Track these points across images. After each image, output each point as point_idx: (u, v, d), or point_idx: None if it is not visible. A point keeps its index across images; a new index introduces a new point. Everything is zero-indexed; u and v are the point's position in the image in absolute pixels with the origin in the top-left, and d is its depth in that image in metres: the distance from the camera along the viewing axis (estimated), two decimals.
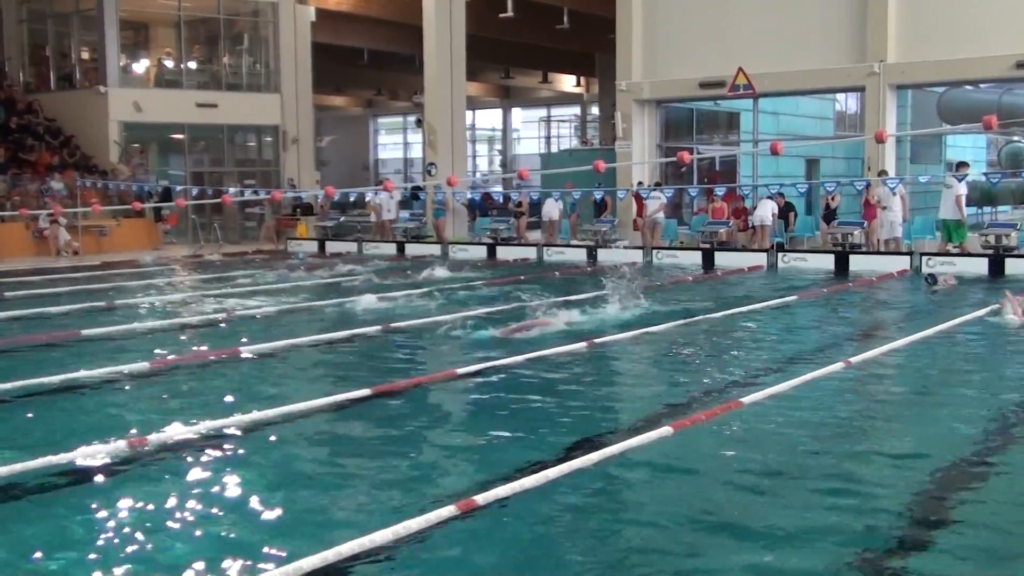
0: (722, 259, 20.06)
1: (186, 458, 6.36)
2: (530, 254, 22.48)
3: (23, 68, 30.33)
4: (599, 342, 10.40)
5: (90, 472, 6.08)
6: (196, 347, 10.62)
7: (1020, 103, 25.10)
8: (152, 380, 8.90)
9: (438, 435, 7.18)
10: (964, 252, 18.53)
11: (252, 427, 7.08)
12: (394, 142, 57.65)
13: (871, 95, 21.86)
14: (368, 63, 40.35)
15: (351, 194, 28.83)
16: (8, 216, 21.93)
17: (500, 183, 40.48)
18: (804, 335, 11.64)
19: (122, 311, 13.59)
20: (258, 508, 5.45)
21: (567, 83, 48.65)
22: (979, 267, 17.58)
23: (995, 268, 17.40)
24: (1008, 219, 25.45)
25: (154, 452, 6.47)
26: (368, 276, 17.61)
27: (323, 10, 31.10)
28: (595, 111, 47.10)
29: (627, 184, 23.90)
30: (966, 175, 18.95)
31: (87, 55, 29.57)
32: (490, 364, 9.17)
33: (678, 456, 6.39)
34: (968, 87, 25.77)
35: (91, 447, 6.44)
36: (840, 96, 30.67)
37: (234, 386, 8.69)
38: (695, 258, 20.52)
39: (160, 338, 11.27)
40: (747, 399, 7.61)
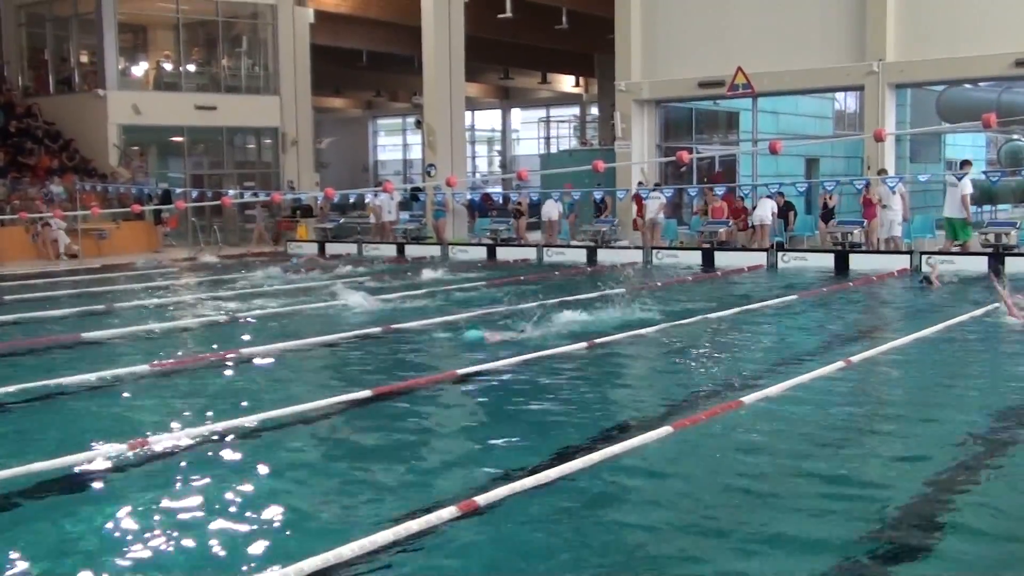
0: (722, 259, 20.06)
1: (186, 460, 6.36)
2: (530, 255, 22.47)
3: (22, 72, 30.36)
4: (600, 342, 10.40)
5: (91, 475, 6.08)
6: (195, 350, 10.63)
7: (1019, 101, 25.09)
8: (152, 383, 8.89)
9: (439, 436, 7.19)
10: (965, 251, 18.53)
11: (252, 429, 7.08)
12: (393, 143, 57.68)
13: (870, 94, 21.86)
14: (367, 64, 40.38)
15: (351, 196, 28.81)
16: (8, 220, 21.93)
17: (500, 184, 40.53)
18: (804, 334, 11.64)
19: (121, 314, 13.59)
20: (258, 510, 5.44)
21: (566, 83, 48.67)
22: (979, 265, 17.58)
23: (994, 267, 17.38)
24: (1008, 218, 25.46)
25: (155, 454, 6.47)
26: (366, 277, 17.60)
27: (322, 12, 31.11)
28: (594, 111, 47.10)
29: (627, 184, 23.90)
30: (965, 174, 18.93)
31: (86, 58, 29.59)
32: (491, 365, 9.17)
33: (678, 456, 6.40)
34: (967, 86, 25.77)
35: (92, 450, 6.45)
36: (839, 95, 30.67)
37: (234, 388, 8.70)
38: (695, 258, 20.52)
39: (159, 341, 11.27)
40: (747, 399, 7.61)
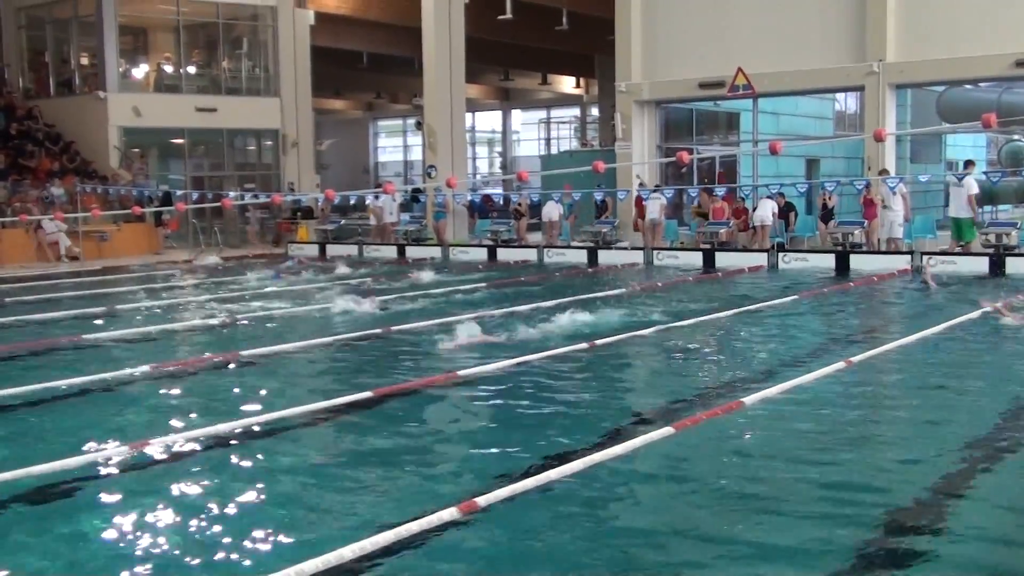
0: (723, 259, 20.05)
1: (186, 462, 6.36)
2: (531, 256, 22.48)
3: (23, 74, 30.36)
4: (600, 343, 10.40)
5: (91, 477, 6.08)
6: (194, 352, 10.63)
7: (1020, 102, 25.06)
8: (153, 384, 8.89)
9: (439, 437, 7.19)
10: (965, 251, 18.51)
11: (252, 431, 7.08)
12: (394, 145, 57.66)
13: (870, 94, 21.85)
14: (367, 66, 40.38)
15: (351, 197, 28.81)
16: (8, 222, 21.94)
17: (500, 185, 40.53)
18: (805, 335, 11.63)
19: (121, 316, 13.60)
20: (258, 511, 5.45)
21: (567, 84, 48.66)
22: (980, 266, 17.58)
23: (995, 267, 17.39)
24: (1009, 218, 25.44)
25: (156, 456, 6.46)
26: (364, 279, 17.59)
27: (322, 14, 31.11)
28: (595, 112, 47.10)
29: (627, 185, 23.89)
30: (967, 174, 18.95)
31: (86, 61, 29.59)
32: (492, 366, 9.17)
33: (679, 456, 6.40)
34: (968, 86, 25.76)
35: (93, 452, 6.45)
36: (840, 96, 30.66)
37: (233, 390, 8.69)
38: (696, 259, 20.51)
39: (158, 343, 11.28)
40: (748, 399, 7.61)
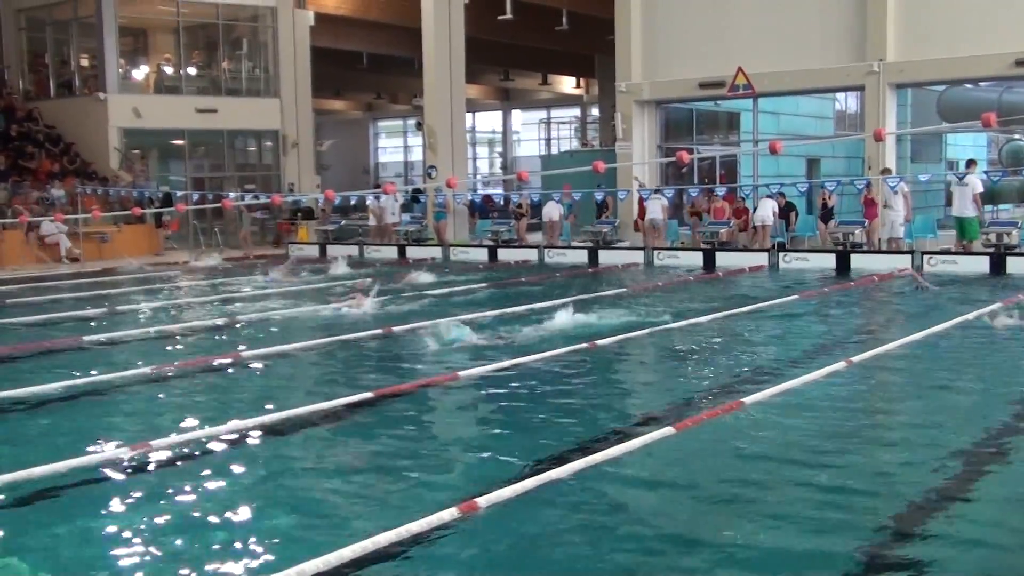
0: (723, 259, 20.04)
1: (187, 463, 6.36)
2: (531, 256, 22.48)
3: (23, 76, 30.36)
4: (601, 343, 10.39)
5: (92, 478, 6.07)
6: (195, 352, 10.62)
7: (1020, 101, 25.07)
8: (153, 385, 8.89)
9: (440, 437, 7.19)
10: (966, 251, 18.49)
11: (254, 431, 7.07)
12: (394, 145, 57.66)
13: (871, 94, 21.84)
14: (367, 67, 40.38)
15: (352, 198, 28.82)
16: (8, 224, 21.95)
17: (501, 185, 40.52)
18: (805, 335, 11.63)
19: (121, 317, 13.59)
20: (260, 511, 5.45)
21: (567, 85, 48.66)
22: (980, 266, 17.57)
23: (996, 266, 17.37)
24: (1010, 217, 25.43)
25: (157, 457, 6.46)
26: (360, 280, 17.54)
27: (322, 14, 31.12)
28: (595, 112, 47.09)
29: (627, 185, 23.88)
30: (969, 173, 18.96)
31: (86, 62, 29.60)
32: (492, 366, 9.16)
33: (679, 457, 6.40)
34: (968, 85, 25.75)
35: (93, 453, 6.45)
36: (840, 95, 30.66)
37: (233, 392, 8.70)
38: (696, 259, 20.50)
39: (157, 344, 11.27)
40: (748, 399, 7.61)
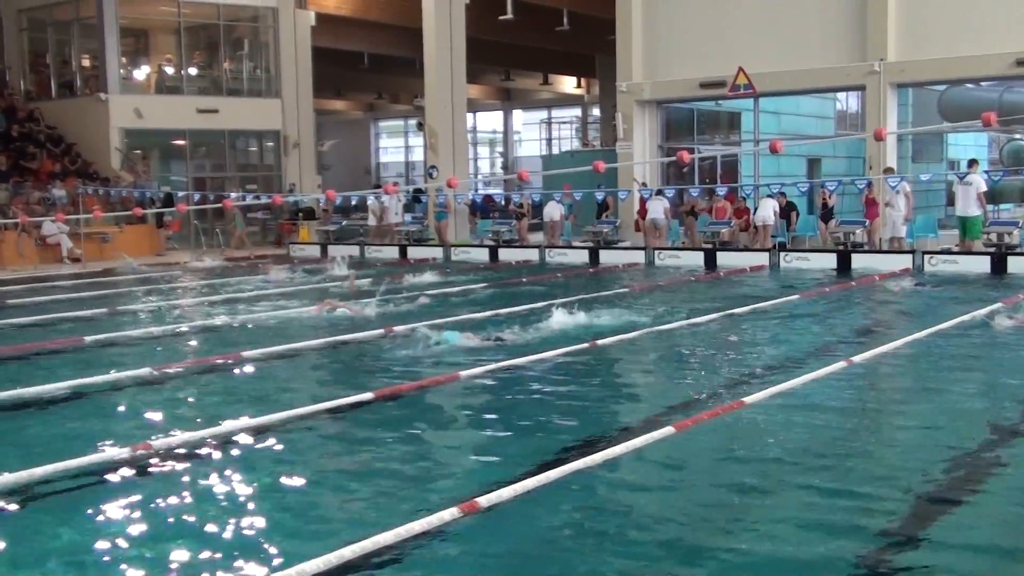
0: (724, 259, 20.04)
1: (188, 463, 6.36)
2: (532, 256, 22.48)
3: (24, 76, 30.39)
4: (601, 343, 10.40)
5: (94, 478, 6.08)
6: (195, 353, 10.64)
7: (1021, 101, 25.06)
8: (154, 386, 8.90)
9: (440, 437, 7.19)
10: (967, 250, 18.48)
11: (254, 431, 7.08)
12: (395, 145, 57.67)
13: (871, 94, 21.84)
14: (368, 67, 40.39)
15: (353, 198, 28.84)
16: (10, 224, 21.99)
17: (502, 185, 40.51)
18: (806, 334, 11.62)
19: (122, 318, 13.61)
20: (260, 512, 5.45)
21: (568, 85, 48.66)
22: (981, 265, 17.56)
23: (997, 266, 17.37)
24: (1011, 217, 25.42)
25: (157, 457, 6.47)
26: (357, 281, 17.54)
27: (323, 14, 31.13)
28: (596, 112, 47.10)
29: (628, 185, 23.89)
30: (971, 172, 18.97)
31: (88, 63, 29.62)
32: (493, 366, 9.17)
33: (680, 456, 6.40)
34: (969, 85, 25.75)
35: (94, 453, 6.46)
36: (841, 95, 30.66)
37: (233, 392, 8.70)
38: (697, 258, 20.50)
39: (157, 344, 11.28)
40: (749, 399, 7.61)
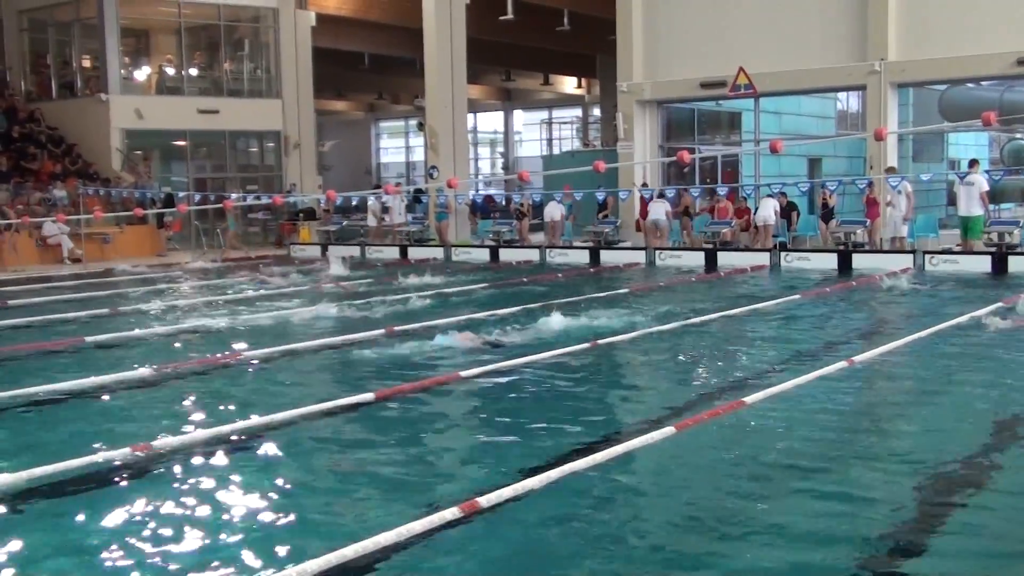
0: (725, 259, 20.04)
1: (189, 463, 6.36)
2: (533, 256, 22.48)
3: (24, 77, 30.41)
4: (602, 343, 10.40)
5: (95, 478, 6.09)
6: (196, 353, 10.63)
7: (1021, 100, 25.05)
8: (155, 386, 8.90)
9: (441, 437, 7.19)
10: (968, 250, 18.47)
11: (255, 432, 7.08)
12: (396, 146, 57.68)
13: (872, 94, 21.85)
14: (369, 67, 40.40)
15: (353, 199, 28.85)
16: (10, 224, 21.99)
17: (502, 185, 40.50)
18: (807, 334, 11.62)
19: (122, 318, 13.61)
20: (261, 512, 5.45)
21: (568, 85, 48.66)
22: (982, 265, 17.55)
23: (998, 266, 17.36)
24: (1011, 216, 25.41)
25: (158, 457, 6.47)
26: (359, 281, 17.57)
27: (323, 15, 31.14)
28: (597, 112, 47.08)
29: (629, 185, 23.89)
30: (972, 172, 18.97)
31: (88, 63, 29.63)
32: (493, 366, 9.16)
33: (681, 456, 6.40)
34: (969, 85, 25.74)
35: (96, 454, 6.46)
36: (842, 95, 30.65)
37: (236, 391, 8.69)
38: (698, 258, 20.49)
39: (157, 344, 11.29)
40: (750, 399, 7.61)
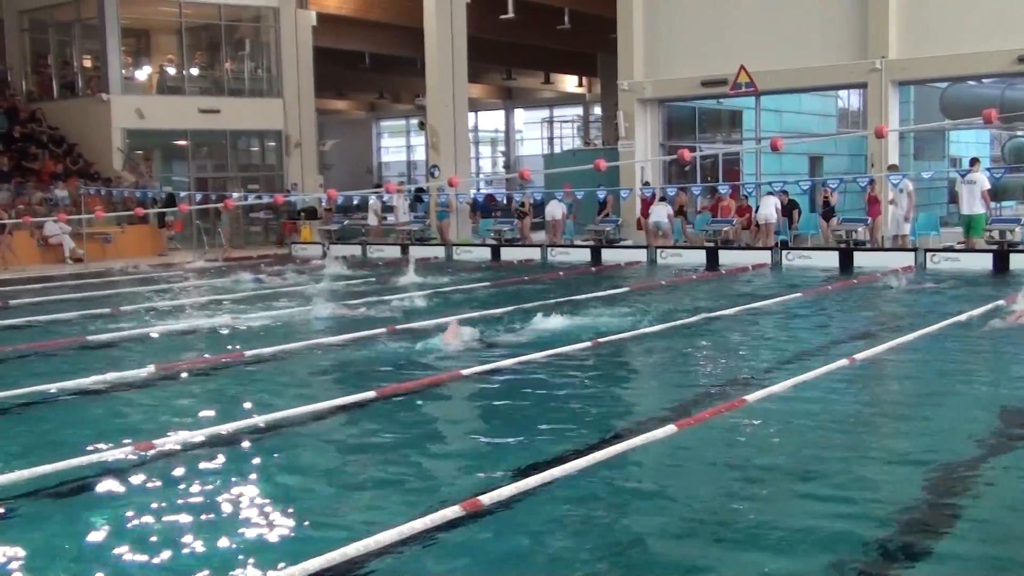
0: (726, 257, 20.03)
1: (190, 462, 6.37)
2: (534, 255, 22.48)
3: (26, 77, 30.40)
4: (603, 341, 10.40)
5: (96, 478, 6.09)
6: (195, 353, 10.63)
7: (1022, 98, 25.03)
8: (156, 386, 8.91)
9: (442, 436, 7.20)
10: (970, 248, 18.45)
11: (256, 431, 7.09)
12: (397, 145, 57.67)
13: (873, 92, 21.83)
14: (370, 67, 40.39)
15: (354, 198, 28.85)
16: (12, 224, 22.01)
17: (503, 184, 40.48)
18: (808, 333, 11.63)
19: (122, 318, 13.61)
20: (263, 510, 5.46)
21: (569, 83, 48.63)
22: (983, 263, 17.53)
23: (999, 264, 17.35)
24: (1013, 214, 25.39)
25: (160, 457, 6.48)
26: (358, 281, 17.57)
27: (324, 14, 31.13)
28: (598, 111, 47.04)
29: (630, 184, 23.89)
30: (973, 170, 18.97)
31: (89, 63, 29.62)
32: (495, 365, 9.17)
33: (682, 455, 6.40)
34: (970, 82, 25.72)
35: (97, 453, 6.46)
36: (843, 93, 30.62)
37: (236, 391, 8.69)
38: (699, 257, 20.49)
39: (158, 344, 11.30)
40: (751, 397, 7.61)
